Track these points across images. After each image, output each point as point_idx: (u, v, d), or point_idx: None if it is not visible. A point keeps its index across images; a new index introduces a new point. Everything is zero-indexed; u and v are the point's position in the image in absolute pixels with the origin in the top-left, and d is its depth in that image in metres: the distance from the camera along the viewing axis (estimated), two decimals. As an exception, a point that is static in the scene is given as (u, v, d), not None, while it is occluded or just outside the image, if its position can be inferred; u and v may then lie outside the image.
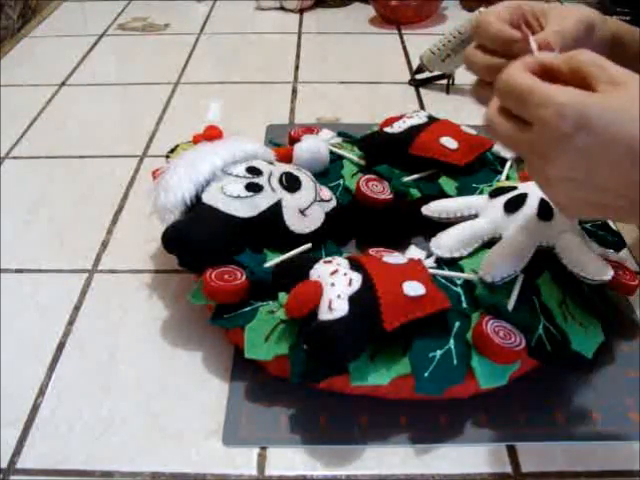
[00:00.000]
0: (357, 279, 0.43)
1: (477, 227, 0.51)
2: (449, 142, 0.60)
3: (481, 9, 0.81)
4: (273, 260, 0.49)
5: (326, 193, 0.55)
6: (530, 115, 0.34)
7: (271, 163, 0.56)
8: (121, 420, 0.45)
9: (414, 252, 0.52)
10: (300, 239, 0.51)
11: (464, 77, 0.88)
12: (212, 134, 0.56)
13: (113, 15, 1.16)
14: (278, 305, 0.46)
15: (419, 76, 0.89)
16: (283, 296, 0.45)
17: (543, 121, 0.33)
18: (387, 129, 0.62)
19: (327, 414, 0.45)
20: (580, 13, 0.43)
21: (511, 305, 0.46)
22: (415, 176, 0.60)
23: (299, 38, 1.06)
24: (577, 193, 0.35)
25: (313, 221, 0.53)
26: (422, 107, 0.84)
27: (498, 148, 0.63)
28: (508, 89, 0.35)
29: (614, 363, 0.48)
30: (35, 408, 0.46)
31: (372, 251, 0.50)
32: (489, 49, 0.42)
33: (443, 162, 0.59)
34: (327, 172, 0.60)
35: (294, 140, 0.63)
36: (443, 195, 0.58)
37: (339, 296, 0.42)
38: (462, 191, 0.58)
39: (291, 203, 0.52)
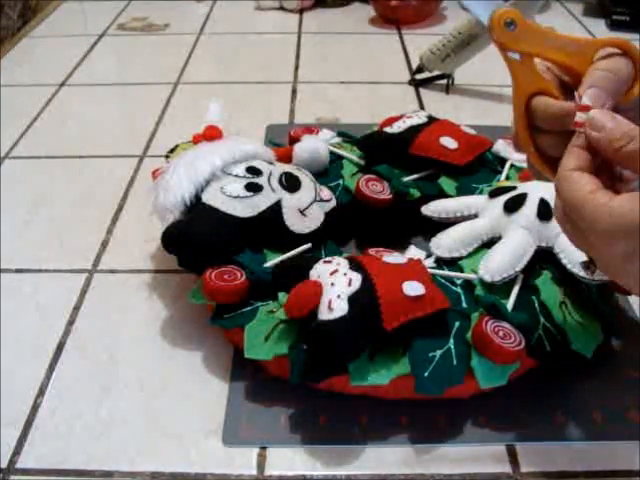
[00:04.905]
0: (357, 279, 0.43)
1: (477, 227, 0.51)
2: (449, 142, 0.60)
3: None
4: (273, 260, 0.49)
5: (326, 193, 0.55)
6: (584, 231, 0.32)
7: (271, 163, 0.56)
8: (121, 420, 0.45)
9: (414, 252, 0.52)
10: (300, 239, 0.51)
11: (464, 77, 0.88)
12: (212, 134, 0.56)
13: (113, 15, 1.16)
14: (278, 305, 0.46)
15: (419, 76, 0.89)
16: (283, 296, 0.45)
17: (595, 247, 0.31)
18: (387, 129, 0.62)
19: (327, 414, 0.45)
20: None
21: (511, 305, 0.46)
22: (415, 176, 0.60)
23: (299, 38, 1.06)
24: None
25: (313, 221, 0.53)
26: (422, 107, 0.84)
27: (498, 148, 0.63)
28: (563, 198, 0.33)
29: (614, 363, 0.48)
30: (35, 408, 0.46)
31: (372, 251, 0.50)
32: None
33: (443, 162, 0.59)
34: (327, 172, 0.60)
35: (294, 140, 0.63)
36: (443, 195, 0.58)
37: (339, 296, 0.42)
38: (462, 191, 0.58)
39: (291, 203, 0.52)
